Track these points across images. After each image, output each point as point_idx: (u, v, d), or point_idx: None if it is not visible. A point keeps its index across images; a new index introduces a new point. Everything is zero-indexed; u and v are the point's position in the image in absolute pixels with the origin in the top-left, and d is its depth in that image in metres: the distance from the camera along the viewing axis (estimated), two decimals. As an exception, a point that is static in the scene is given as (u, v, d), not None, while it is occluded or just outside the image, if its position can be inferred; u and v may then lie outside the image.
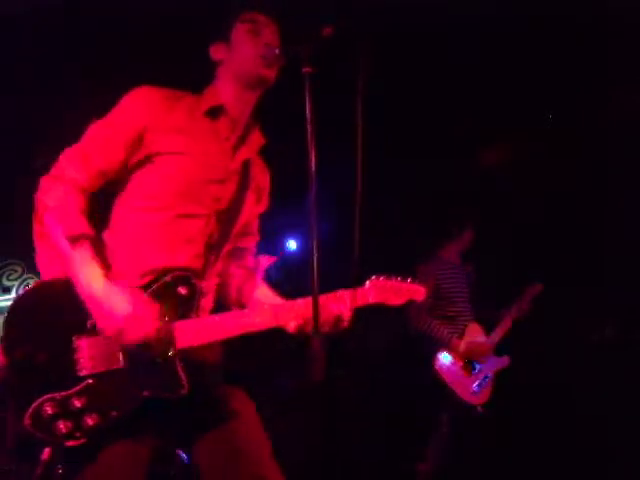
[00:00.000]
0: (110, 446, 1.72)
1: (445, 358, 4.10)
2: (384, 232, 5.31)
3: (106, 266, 1.85)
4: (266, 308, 1.94)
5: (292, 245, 6.25)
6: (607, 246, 5.04)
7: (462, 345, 4.12)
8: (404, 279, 2.20)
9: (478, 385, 4.11)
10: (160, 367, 1.76)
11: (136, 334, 1.72)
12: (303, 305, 1.91)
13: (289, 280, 4.42)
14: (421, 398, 4.26)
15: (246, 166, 2.12)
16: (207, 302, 2.01)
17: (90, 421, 1.67)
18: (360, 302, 2.06)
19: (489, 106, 4.79)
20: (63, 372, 1.69)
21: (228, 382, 2.02)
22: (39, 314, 1.76)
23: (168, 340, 1.77)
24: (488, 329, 4.32)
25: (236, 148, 2.09)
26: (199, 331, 1.83)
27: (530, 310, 4.34)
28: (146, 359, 1.75)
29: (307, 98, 1.72)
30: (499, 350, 4.35)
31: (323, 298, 1.87)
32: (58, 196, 1.86)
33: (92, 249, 1.81)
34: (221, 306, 2.11)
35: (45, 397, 1.67)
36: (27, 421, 1.64)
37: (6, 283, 6.30)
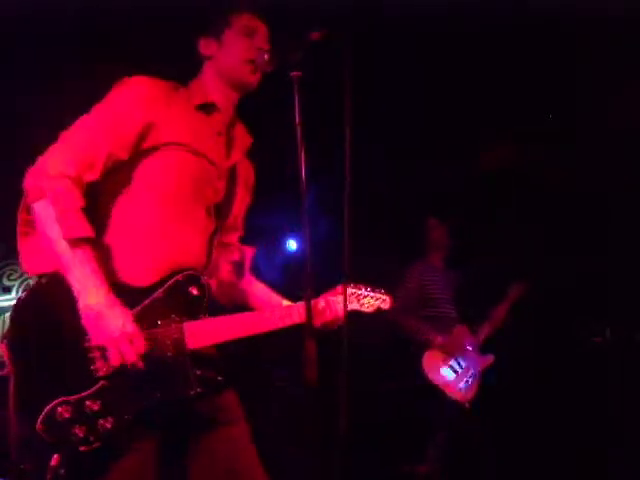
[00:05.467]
0: (122, 448, 1.65)
1: (431, 358, 4.14)
2: (377, 234, 5.31)
3: (110, 271, 1.76)
4: (283, 307, 2.04)
5: (292, 245, 6.24)
6: (608, 247, 5.04)
7: (439, 339, 4.17)
8: (374, 288, 2.23)
9: (465, 383, 4.17)
10: (171, 368, 1.70)
11: (121, 357, 1.62)
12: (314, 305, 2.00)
13: (289, 280, 4.41)
14: (417, 399, 4.28)
15: (236, 164, 2.16)
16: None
17: (107, 425, 1.59)
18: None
19: (488, 107, 4.79)
20: (76, 373, 1.61)
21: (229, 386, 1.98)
22: (47, 312, 1.67)
23: (179, 340, 1.73)
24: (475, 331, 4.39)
25: (229, 146, 2.11)
26: (211, 331, 1.79)
27: (513, 309, 4.43)
28: (158, 359, 1.68)
29: (296, 101, 1.74)
30: (501, 350, 4.38)
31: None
32: (56, 193, 1.71)
33: (93, 253, 1.71)
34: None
35: (58, 400, 1.57)
36: (40, 426, 1.55)
37: (6, 283, 6.29)
